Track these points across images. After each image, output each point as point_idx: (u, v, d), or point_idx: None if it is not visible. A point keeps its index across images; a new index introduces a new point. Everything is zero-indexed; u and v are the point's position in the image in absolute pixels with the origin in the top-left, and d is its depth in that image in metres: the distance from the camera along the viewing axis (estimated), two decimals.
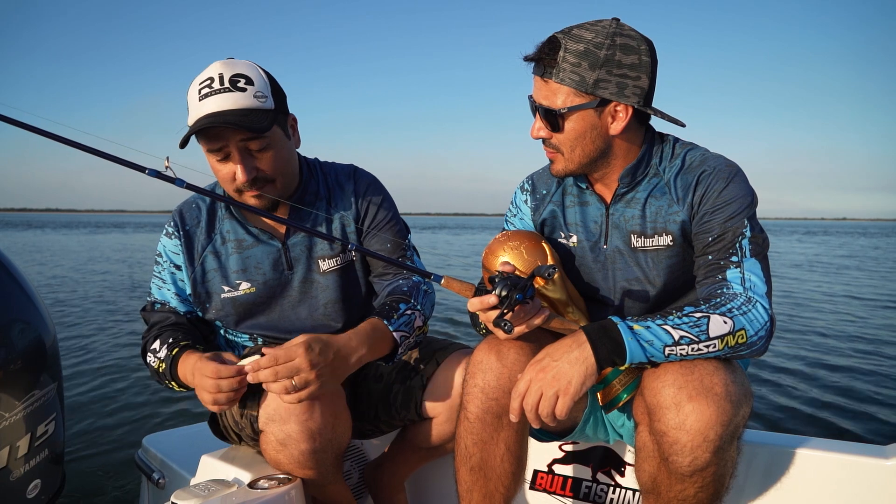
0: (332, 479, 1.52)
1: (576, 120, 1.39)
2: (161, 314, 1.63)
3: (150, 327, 1.62)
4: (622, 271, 1.52)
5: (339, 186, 1.72)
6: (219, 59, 1.51)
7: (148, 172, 1.36)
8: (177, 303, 1.65)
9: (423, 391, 1.64)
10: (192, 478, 1.64)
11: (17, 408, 1.45)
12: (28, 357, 1.50)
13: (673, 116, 1.42)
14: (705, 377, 1.19)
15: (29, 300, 1.56)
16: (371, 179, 1.75)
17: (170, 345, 1.53)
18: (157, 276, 1.67)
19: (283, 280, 1.65)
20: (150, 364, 1.57)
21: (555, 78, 1.37)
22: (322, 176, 1.73)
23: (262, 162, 1.51)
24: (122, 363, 5.16)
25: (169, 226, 1.67)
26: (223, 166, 1.51)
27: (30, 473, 1.52)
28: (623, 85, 1.35)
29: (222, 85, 1.46)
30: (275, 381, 1.29)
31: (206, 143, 1.49)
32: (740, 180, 1.41)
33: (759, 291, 1.30)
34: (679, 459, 1.19)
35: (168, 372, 1.51)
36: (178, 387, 1.52)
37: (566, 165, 1.47)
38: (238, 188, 1.53)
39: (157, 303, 1.65)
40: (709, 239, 1.39)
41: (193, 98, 1.49)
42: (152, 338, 1.59)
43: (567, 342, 1.26)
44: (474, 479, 1.40)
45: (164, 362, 1.52)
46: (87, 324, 7.00)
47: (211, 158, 1.53)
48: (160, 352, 1.54)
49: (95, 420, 3.78)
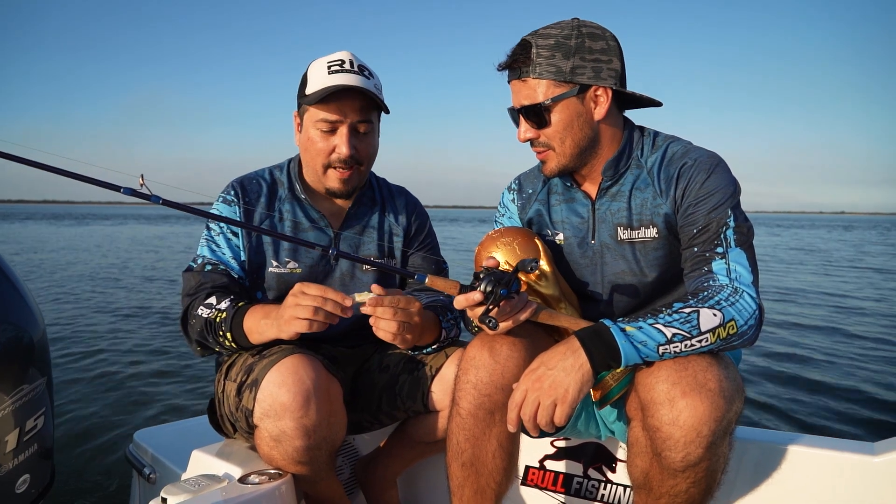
0: (324, 476, 1.52)
1: (561, 110, 1.42)
2: (215, 274, 1.62)
3: (201, 285, 1.60)
4: (611, 265, 1.53)
5: (392, 199, 1.86)
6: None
7: (123, 191, 1.36)
8: (235, 265, 1.65)
9: (431, 382, 1.65)
10: (183, 473, 1.63)
11: (5, 402, 1.44)
12: (16, 351, 1.48)
13: (650, 97, 1.49)
14: (699, 373, 1.19)
15: (17, 293, 1.55)
16: (419, 203, 1.92)
17: (233, 299, 1.53)
18: (211, 241, 1.67)
19: (327, 268, 1.73)
20: (198, 316, 1.54)
21: (532, 75, 1.41)
22: (377, 185, 1.87)
23: (362, 144, 1.66)
24: (112, 358, 5.14)
25: (227, 194, 1.71)
26: (325, 140, 1.62)
27: (19, 468, 1.50)
28: (598, 69, 1.41)
29: (352, 68, 1.62)
30: (390, 320, 1.38)
31: (326, 112, 1.60)
32: (722, 171, 1.42)
33: (744, 281, 1.31)
34: (672, 455, 1.19)
35: (228, 321, 1.49)
36: (230, 340, 1.49)
37: (559, 160, 1.48)
38: (330, 163, 1.64)
39: (210, 263, 1.64)
40: (693, 231, 1.40)
41: (321, 72, 1.61)
42: (205, 294, 1.57)
43: (561, 349, 1.26)
44: (466, 475, 1.40)
45: (224, 312, 1.50)
46: (77, 318, 6.96)
47: (312, 129, 1.63)
48: (220, 304, 1.52)
49: (86, 415, 3.76)
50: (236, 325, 1.48)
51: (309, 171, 1.73)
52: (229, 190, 1.71)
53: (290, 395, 1.36)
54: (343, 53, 1.64)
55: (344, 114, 1.61)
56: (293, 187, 1.75)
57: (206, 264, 1.64)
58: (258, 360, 1.46)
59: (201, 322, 1.53)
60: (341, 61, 1.62)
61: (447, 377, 1.62)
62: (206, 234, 1.69)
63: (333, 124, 1.62)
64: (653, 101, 1.51)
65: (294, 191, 1.74)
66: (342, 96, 1.59)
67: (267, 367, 1.41)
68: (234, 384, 1.49)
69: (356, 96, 1.61)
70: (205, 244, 1.67)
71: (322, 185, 1.70)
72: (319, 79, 1.60)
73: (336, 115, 1.61)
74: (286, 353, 1.44)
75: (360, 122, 1.63)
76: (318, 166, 1.66)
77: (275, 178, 1.76)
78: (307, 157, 1.69)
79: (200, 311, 1.55)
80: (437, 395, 1.64)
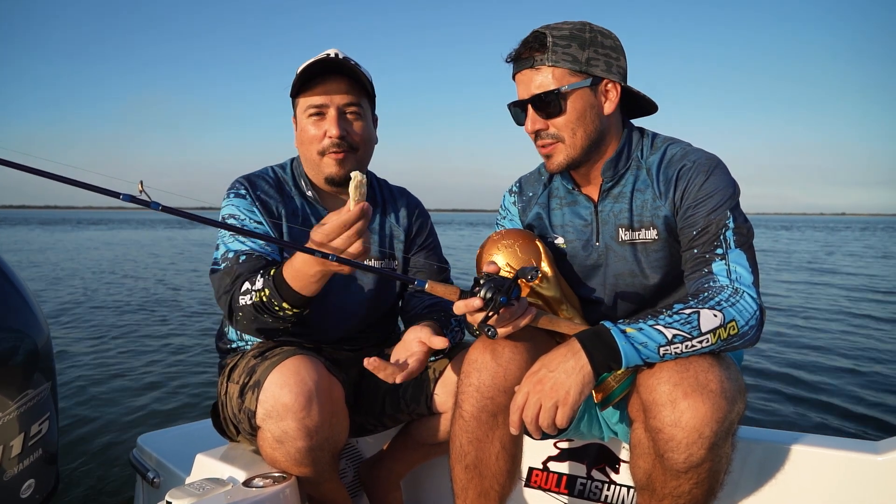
0: (327, 478, 1.52)
1: (575, 100, 1.43)
2: (249, 263, 1.54)
3: (236, 278, 1.52)
4: (613, 266, 1.53)
5: (393, 200, 1.85)
6: None
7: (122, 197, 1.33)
8: (265, 251, 1.58)
9: (434, 385, 1.65)
10: (187, 477, 1.63)
11: (10, 407, 1.44)
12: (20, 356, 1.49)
13: (650, 98, 1.51)
14: (700, 374, 1.19)
15: (21, 298, 1.55)
16: (420, 204, 1.90)
17: (264, 271, 1.46)
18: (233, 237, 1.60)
19: None
20: (245, 305, 1.46)
21: (548, 62, 1.41)
22: (377, 184, 1.86)
23: (353, 127, 1.65)
24: (116, 362, 5.15)
25: (238, 189, 1.67)
26: (316, 125, 1.63)
27: (24, 473, 1.51)
28: (609, 63, 1.43)
29: (338, 58, 1.62)
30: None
31: (311, 97, 1.62)
32: (721, 172, 1.42)
33: (745, 282, 1.31)
34: (674, 456, 1.19)
35: (276, 292, 1.41)
36: (289, 308, 1.41)
37: (568, 153, 1.47)
38: (323, 149, 1.63)
39: (244, 253, 1.56)
40: (693, 233, 1.40)
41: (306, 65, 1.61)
42: (240, 284, 1.50)
43: (562, 351, 1.26)
44: (469, 478, 1.41)
45: (265, 287, 1.42)
46: (80, 322, 6.97)
47: (304, 119, 1.65)
48: (256, 283, 1.45)
49: (90, 419, 3.76)
50: (285, 289, 1.40)
51: (308, 165, 1.71)
52: (238, 186, 1.68)
53: (292, 395, 1.37)
54: (330, 49, 1.65)
55: (329, 97, 1.62)
56: (299, 184, 1.74)
57: (239, 255, 1.56)
58: (260, 362, 1.47)
59: (250, 311, 1.46)
60: (326, 55, 1.63)
61: (450, 380, 1.62)
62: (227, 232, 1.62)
63: (320, 108, 1.63)
64: (651, 105, 1.53)
65: (300, 188, 1.74)
66: (326, 79, 1.62)
67: (269, 368, 1.42)
68: (237, 386, 1.50)
69: (340, 79, 1.62)
70: (230, 240, 1.59)
71: (321, 175, 1.68)
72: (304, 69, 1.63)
73: (321, 99, 1.62)
74: (288, 354, 1.44)
75: (348, 104, 1.63)
76: (314, 154, 1.65)
77: (279, 176, 1.75)
78: (304, 150, 1.69)
79: (242, 301, 1.47)
80: (440, 398, 1.64)
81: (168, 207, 1.40)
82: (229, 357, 1.67)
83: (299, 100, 1.66)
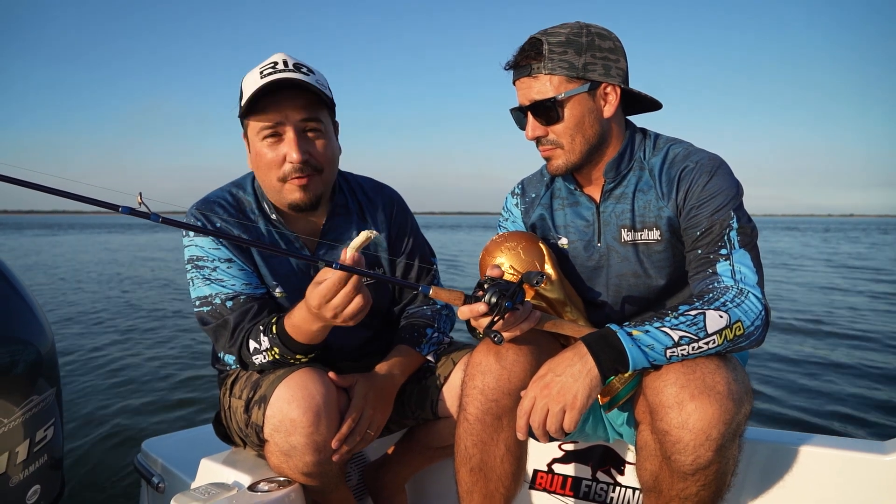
0: (334, 486, 1.52)
1: (572, 106, 1.42)
2: (239, 308, 1.48)
3: (234, 331, 1.47)
4: (615, 267, 1.52)
5: (370, 203, 1.71)
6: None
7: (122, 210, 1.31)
8: (250, 289, 1.51)
9: (439, 391, 1.63)
10: (192, 482, 1.63)
11: (15, 413, 1.44)
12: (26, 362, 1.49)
13: (652, 97, 1.50)
14: (707, 376, 1.19)
15: (25, 304, 1.55)
16: (399, 198, 1.77)
17: (265, 327, 1.42)
18: (207, 280, 1.50)
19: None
20: (263, 363, 1.45)
21: (545, 70, 1.40)
22: (349, 189, 1.71)
23: (315, 148, 1.49)
24: (120, 367, 5.15)
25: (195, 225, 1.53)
26: (273, 149, 1.46)
27: (29, 479, 1.51)
28: (608, 66, 1.42)
29: (286, 67, 1.45)
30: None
31: (265, 118, 1.44)
32: (724, 173, 1.41)
33: (749, 282, 1.31)
34: (681, 458, 1.19)
35: (285, 349, 1.39)
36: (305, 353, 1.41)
37: (567, 157, 1.47)
38: (284, 175, 1.47)
39: (229, 299, 1.49)
40: (697, 233, 1.39)
41: (253, 80, 1.44)
42: (243, 340, 1.46)
43: (568, 355, 1.25)
44: (474, 480, 1.40)
45: (273, 346, 1.40)
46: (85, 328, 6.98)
47: (258, 143, 1.48)
48: (263, 342, 1.41)
49: (95, 425, 3.77)
50: (293, 344, 1.40)
51: (269, 191, 1.55)
52: (194, 221, 1.53)
53: (299, 410, 1.35)
54: (276, 55, 1.48)
55: (285, 115, 1.44)
56: (262, 206, 1.58)
57: (225, 301, 1.48)
58: (265, 376, 1.46)
59: (268, 366, 1.46)
60: (274, 63, 1.45)
61: (455, 384, 1.61)
62: (198, 275, 1.51)
63: (276, 128, 1.45)
64: (654, 102, 1.52)
65: (264, 210, 1.58)
66: (279, 97, 1.43)
67: (275, 382, 1.40)
68: (241, 401, 1.48)
69: (295, 94, 1.44)
70: (205, 286, 1.50)
71: (284, 202, 1.52)
72: (252, 85, 1.44)
73: (276, 117, 1.44)
74: (294, 368, 1.43)
75: (306, 120, 1.46)
76: (274, 181, 1.49)
77: (238, 198, 1.59)
78: (261, 176, 1.52)
79: (257, 360, 1.45)
80: (444, 402, 1.63)
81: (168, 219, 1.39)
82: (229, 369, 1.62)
83: (251, 121, 1.48)
